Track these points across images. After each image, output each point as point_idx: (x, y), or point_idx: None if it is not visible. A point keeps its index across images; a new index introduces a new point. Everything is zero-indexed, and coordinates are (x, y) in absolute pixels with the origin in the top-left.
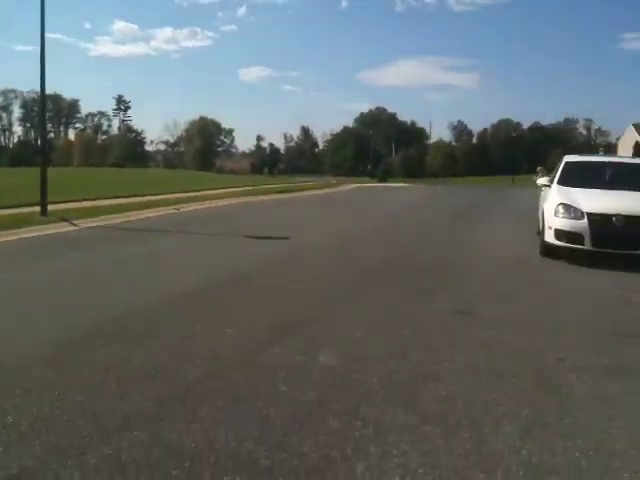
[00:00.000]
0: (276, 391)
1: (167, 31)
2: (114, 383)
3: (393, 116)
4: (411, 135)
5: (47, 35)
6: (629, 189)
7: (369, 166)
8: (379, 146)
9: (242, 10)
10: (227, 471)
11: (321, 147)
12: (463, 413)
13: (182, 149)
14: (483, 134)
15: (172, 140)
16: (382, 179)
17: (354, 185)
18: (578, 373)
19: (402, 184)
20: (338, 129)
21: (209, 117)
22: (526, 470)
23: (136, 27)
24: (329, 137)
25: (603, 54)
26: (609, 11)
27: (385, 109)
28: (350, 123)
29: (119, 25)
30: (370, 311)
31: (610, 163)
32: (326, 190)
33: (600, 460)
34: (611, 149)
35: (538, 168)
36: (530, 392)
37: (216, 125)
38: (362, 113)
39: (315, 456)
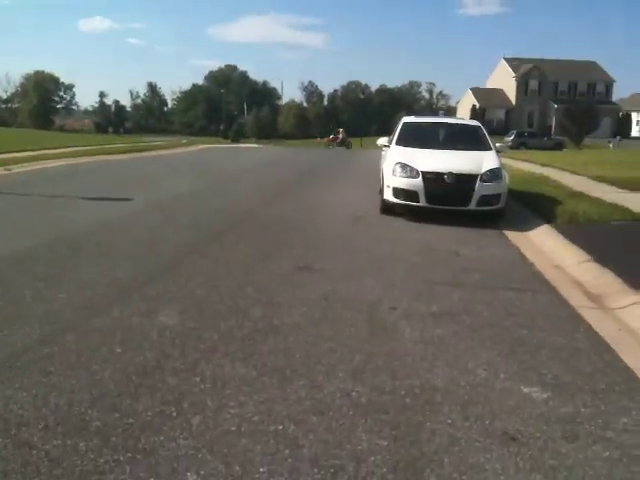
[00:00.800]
0: (112, 354)
1: None
2: None
3: (244, 75)
4: (263, 95)
5: None
6: (460, 149)
7: (221, 126)
8: (231, 106)
9: None
10: (56, 435)
11: (170, 106)
12: (299, 363)
13: (17, 105)
14: (333, 96)
15: (5, 96)
16: (234, 140)
17: (203, 146)
18: (408, 320)
19: (254, 145)
20: (188, 87)
21: (46, 71)
22: (356, 410)
23: None
24: (178, 95)
25: (445, 19)
26: None
27: (236, 67)
28: (200, 81)
29: None
30: (212, 269)
31: (444, 124)
32: (173, 150)
33: (423, 397)
34: (451, 112)
35: (340, 129)
36: (363, 339)
37: (54, 80)
38: (212, 71)
39: (150, 414)
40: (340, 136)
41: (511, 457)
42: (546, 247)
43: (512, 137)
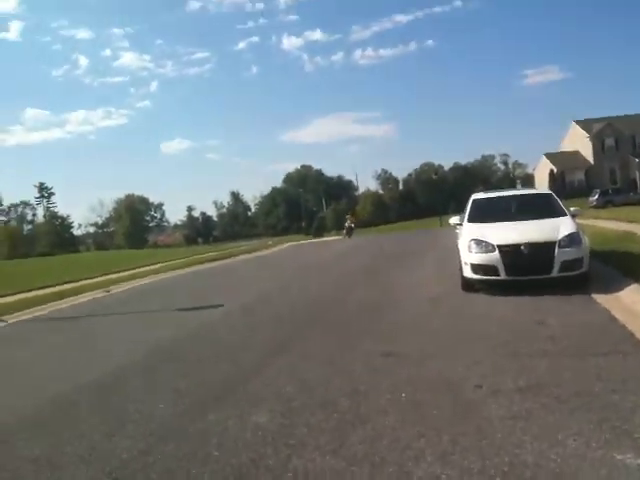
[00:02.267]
0: (209, 457)
1: (80, 114)
2: (47, 473)
3: (319, 172)
4: (339, 188)
5: None
6: (534, 218)
7: (303, 223)
8: (310, 203)
9: (154, 85)
10: None
11: (253, 210)
12: (388, 450)
13: (112, 229)
14: (408, 180)
15: (100, 221)
16: (316, 234)
17: (287, 244)
18: (494, 397)
19: (335, 237)
20: (267, 190)
21: (136, 194)
22: None
23: (48, 112)
24: (259, 200)
25: (509, 90)
26: (508, 51)
27: (311, 166)
28: (278, 183)
29: (30, 112)
30: (298, 365)
31: (514, 196)
32: (257, 253)
33: (514, 473)
34: (529, 180)
35: (347, 216)
36: (450, 420)
37: (144, 201)
38: (289, 173)
39: None
40: (346, 224)
41: None
42: (639, 307)
43: (596, 196)
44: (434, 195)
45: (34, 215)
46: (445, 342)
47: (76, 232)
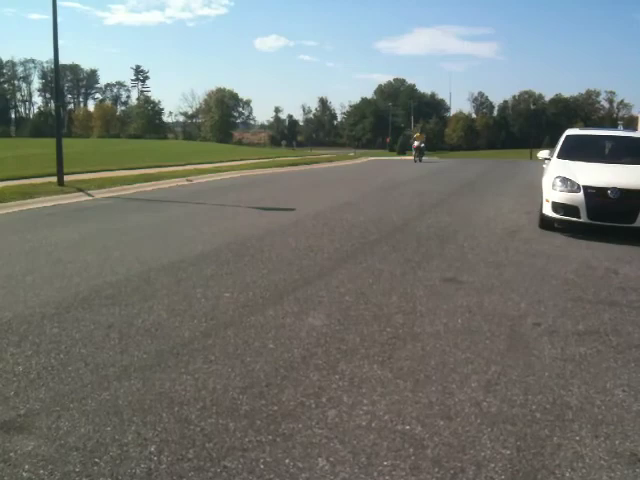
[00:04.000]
0: (265, 348)
1: None
2: (116, 339)
3: (412, 87)
4: (431, 107)
5: (62, 4)
6: (627, 162)
7: (388, 139)
8: (398, 118)
9: None
10: (211, 415)
11: (339, 119)
12: (434, 370)
13: (200, 120)
14: (504, 106)
15: (190, 111)
16: (401, 152)
17: (370, 158)
18: (550, 337)
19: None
20: (356, 100)
21: (226, 88)
22: (483, 419)
23: None
24: (347, 109)
25: (631, 24)
26: None
27: (404, 80)
28: (369, 94)
29: None
30: (362, 277)
31: (611, 137)
32: (338, 163)
33: (554, 412)
34: (632, 122)
35: (415, 135)
36: (501, 352)
37: (234, 96)
38: (381, 84)
39: (292, 403)
40: (415, 143)
41: (635, 478)
42: None
43: None
44: (529, 126)
45: (128, 97)
46: (511, 277)
47: (166, 119)
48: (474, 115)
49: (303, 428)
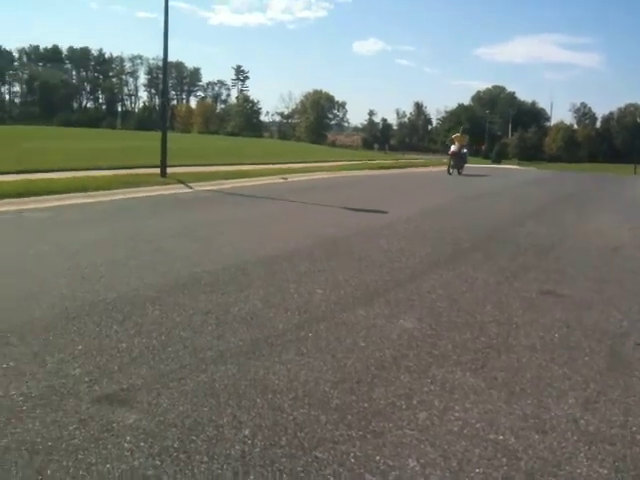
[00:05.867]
0: (355, 346)
1: (282, 1)
2: (214, 324)
3: (512, 95)
4: (530, 116)
5: (169, 3)
6: None
7: (483, 146)
8: (495, 126)
9: None
10: (303, 405)
11: (434, 124)
12: (529, 383)
13: (296, 121)
14: (608, 118)
15: (286, 112)
16: (495, 160)
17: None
18: None
19: (514, 166)
20: (452, 106)
21: (323, 90)
22: (580, 436)
23: None
24: (443, 114)
25: None
26: None
27: (503, 88)
28: (465, 100)
29: None
30: (454, 284)
31: None
32: (431, 169)
33: None
34: None
35: (453, 135)
36: (600, 371)
37: (329, 98)
38: (479, 91)
39: (382, 402)
40: (453, 147)
41: None
42: None
43: None
44: (635, 140)
45: (228, 95)
46: (613, 293)
47: (263, 118)
48: (575, 126)
49: (394, 427)
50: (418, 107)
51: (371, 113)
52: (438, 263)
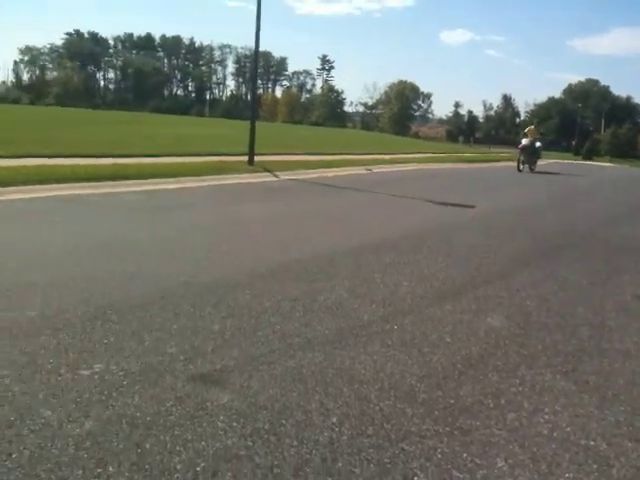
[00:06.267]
0: (441, 341)
1: None
2: (301, 312)
3: (605, 89)
4: (624, 111)
5: None
6: None
7: (573, 142)
8: (587, 121)
9: None
10: (389, 397)
11: (522, 117)
12: (623, 389)
13: (379, 111)
14: None
15: (370, 102)
16: (586, 157)
17: (552, 160)
18: None
19: (607, 164)
20: (542, 99)
21: (408, 80)
22: None
23: None
24: (532, 108)
25: None
26: None
27: (597, 81)
28: (556, 94)
29: None
30: (543, 284)
31: None
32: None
33: None
34: None
35: (527, 128)
36: None
37: (414, 89)
38: (571, 84)
39: (470, 400)
40: (523, 141)
41: None
42: None
43: None
44: None
45: (313, 85)
46: None
47: (347, 109)
48: None
49: (481, 426)
50: (506, 99)
51: (457, 105)
52: (528, 261)
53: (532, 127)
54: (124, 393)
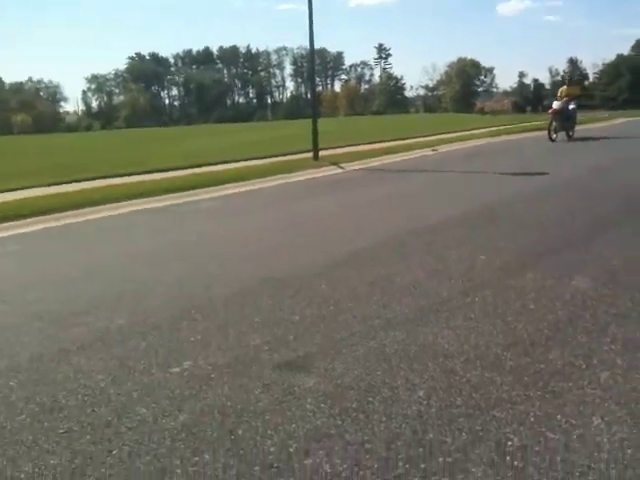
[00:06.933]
0: (525, 309)
1: None
2: (379, 294)
3: None
4: None
5: None
6: None
7: None
8: None
9: None
10: (475, 367)
11: (591, 79)
12: None
13: (441, 92)
14: None
15: (431, 84)
16: None
17: (623, 119)
18: None
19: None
20: (610, 58)
21: (468, 57)
22: None
23: None
24: (600, 68)
25: None
26: None
27: None
28: (625, 51)
29: None
30: (629, 241)
31: None
32: (591, 125)
33: None
34: None
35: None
36: None
37: (475, 65)
38: (638, 40)
39: (560, 363)
40: (555, 104)
41: None
42: None
43: None
44: None
45: (371, 75)
46: None
47: (407, 94)
48: None
49: (574, 387)
50: (572, 63)
51: (521, 75)
52: (607, 224)
53: (565, 87)
54: (213, 386)
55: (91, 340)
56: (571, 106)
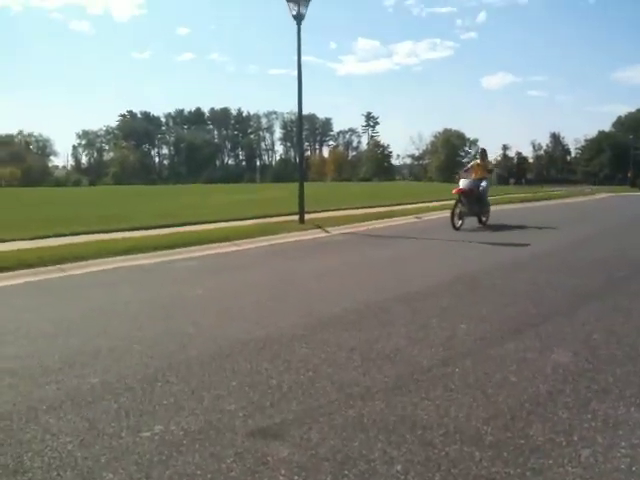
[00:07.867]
0: (506, 381)
1: (407, 45)
2: (358, 361)
3: None
4: None
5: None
6: None
7: (629, 174)
8: None
9: (482, 16)
10: (455, 441)
11: (573, 155)
12: None
13: (426, 162)
14: None
15: (417, 153)
16: None
17: (607, 194)
18: None
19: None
20: (592, 134)
21: (453, 128)
22: None
23: (378, 43)
24: (582, 143)
25: None
26: None
27: None
28: (606, 127)
29: (362, 43)
30: (609, 316)
31: None
32: (574, 199)
33: None
34: None
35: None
36: None
37: (460, 136)
38: (620, 117)
39: (540, 439)
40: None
41: None
42: None
43: None
44: None
45: (359, 142)
46: None
47: (394, 162)
48: None
49: (554, 465)
50: (555, 138)
51: (505, 148)
52: (589, 295)
53: (478, 161)
54: (184, 452)
55: (62, 399)
56: (482, 185)
